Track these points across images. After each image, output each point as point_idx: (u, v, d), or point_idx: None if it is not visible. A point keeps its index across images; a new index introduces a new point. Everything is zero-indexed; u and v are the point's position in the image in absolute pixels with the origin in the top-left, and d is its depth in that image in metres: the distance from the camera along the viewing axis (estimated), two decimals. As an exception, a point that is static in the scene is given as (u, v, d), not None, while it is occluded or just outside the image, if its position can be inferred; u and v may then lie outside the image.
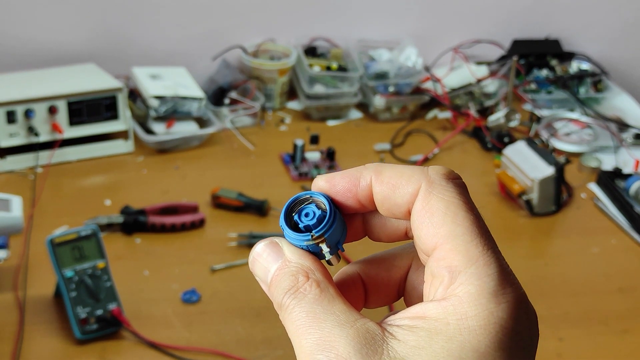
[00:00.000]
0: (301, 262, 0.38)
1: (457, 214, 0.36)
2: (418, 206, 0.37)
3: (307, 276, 0.37)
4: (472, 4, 2.01)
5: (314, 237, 0.38)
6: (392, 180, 0.38)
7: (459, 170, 0.39)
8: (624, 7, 2.08)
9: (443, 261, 0.35)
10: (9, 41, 1.79)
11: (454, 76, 1.87)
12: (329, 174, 0.40)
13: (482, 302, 0.34)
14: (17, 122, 1.53)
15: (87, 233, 1.16)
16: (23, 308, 1.19)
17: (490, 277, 0.34)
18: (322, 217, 0.38)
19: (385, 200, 0.38)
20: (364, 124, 1.83)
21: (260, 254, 0.39)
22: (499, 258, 0.35)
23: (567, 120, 1.82)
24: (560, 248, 1.48)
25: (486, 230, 0.36)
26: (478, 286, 0.34)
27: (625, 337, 1.24)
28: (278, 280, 0.38)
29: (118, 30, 1.85)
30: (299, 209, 0.39)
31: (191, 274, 1.30)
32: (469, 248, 0.35)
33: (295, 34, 1.90)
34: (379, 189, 0.38)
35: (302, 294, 0.36)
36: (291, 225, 0.39)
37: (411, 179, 0.37)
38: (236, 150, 1.68)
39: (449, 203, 0.36)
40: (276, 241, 0.39)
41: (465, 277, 0.34)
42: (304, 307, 0.36)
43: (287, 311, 0.36)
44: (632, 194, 1.51)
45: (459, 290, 0.34)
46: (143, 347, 1.15)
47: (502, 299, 0.34)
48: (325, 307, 0.35)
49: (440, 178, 0.37)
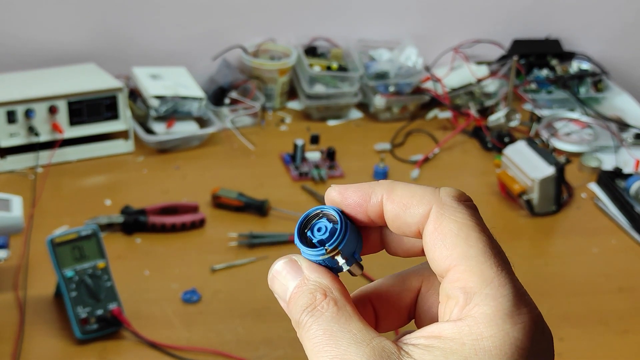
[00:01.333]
0: (319, 280, 0.38)
1: (469, 235, 0.36)
2: (430, 228, 0.37)
3: (325, 294, 0.37)
4: (472, 4, 2.01)
5: (328, 251, 0.38)
6: (404, 199, 0.38)
7: (459, 170, 0.39)
8: (624, 7, 2.07)
9: (457, 282, 0.35)
10: (9, 41, 1.80)
11: (454, 76, 1.87)
12: (342, 186, 0.40)
13: (498, 322, 0.34)
14: (17, 122, 1.53)
15: (88, 233, 1.16)
16: (23, 308, 1.19)
17: (505, 298, 0.35)
18: (334, 230, 0.39)
19: (396, 219, 0.38)
20: (364, 123, 1.83)
21: (279, 272, 0.39)
22: (513, 279, 0.36)
23: (568, 120, 1.82)
24: (561, 248, 1.48)
25: (500, 250, 0.36)
26: (494, 307, 0.34)
27: (625, 337, 1.24)
28: (296, 298, 0.38)
29: (118, 30, 1.85)
30: (311, 225, 0.39)
31: (191, 274, 1.30)
32: (483, 269, 0.35)
33: (296, 34, 1.90)
34: (389, 208, 0.38)
35: (319, 311, 0.37)
36: (306, 242, 0.39)
37: (422, 199, 0.37)
38: (236, 150, 1.68)
39: (461, 224, 0.36)
40: (295, 259, 0.39)
41: (481, 298, 0.35)
42: (321, 324, 0.36)
43: (304, 329, 0.36)
44: (633, 193, 1.51)
45: (475, 311, 0.34)
46: (143, 347, 1.15)
47: (517, 320, 0.34)
48: (342, 325, 0.36)
49: (451, 200, 0.37)
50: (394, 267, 0.45)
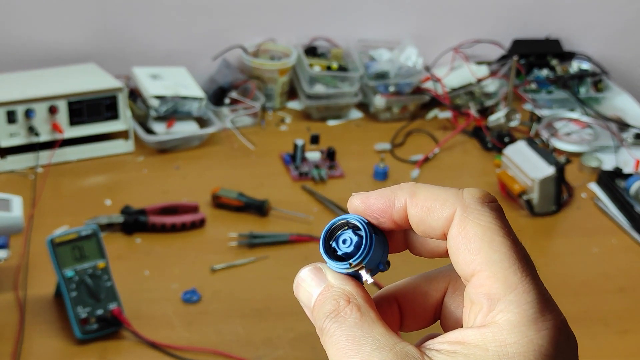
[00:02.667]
0: (343, 287, 0.38)
1: (493, 239, 0.36)
2: (454, 232, 0.37)
3: (348, 300, 0.37)
4: (472, 4, 2.01)
5: (352, 265, 0.38)
6: (427, 203, 0.38)
7: (459, 170, 0.39)
8: (624, 7, 2.07)
9: (481, 288, 0.35)
10: (9, 41, 1.80)
11: (454, 76, 1.87)
12: (364, 194, 0.40)
13: (522, 329, 0.34)
14: (17, 122, 1.53)
15: (88, 233, 1.16)
16: (23, 308, 1.19)
17: (529, 305, 0.34)
18: (359, 244, 0.39)
19: (421, 223, 0.38)
20: (364, 123, 1.83)
21: (304, 279, 0.40)
22: (538, 284, 0.35)
23: (568, 120, 1.82)
24: (561, 248, 1.48)
25: (524, 254, 0.36)
26: (517, 314, 0.34)
27: (625, 337, 1.24)
28: (320, 305, 0.38)
29: (118, 30, 1.85)
30: (336, 236, 0.40)
31: (191, 274, 1.30)
32: (507, 275, 0.35)
33: (296, 34, 1.90)
34: (413, 212, 0.38)
35: (342, 317, 0.37)
36: (330, 253, 0.39)
37: (446, 202, 0.37)
38: (236, 150, 1.68)
39: (485, 228, 0.36)
40: (320, 266, 0.40)
41: (505, 304, 0.34)
42: (345, 330, 0.36)
43: (328, 335, 0.37)
44: (633, 193, 1.51)
45: (499, 317, 0.34)
46: (143, 347, 1.15)
47: (542, 326, 0.34)
48: (365, 331, 0.36)
49: (475, 202, 0.37)
50: (419, 267, 0.46)
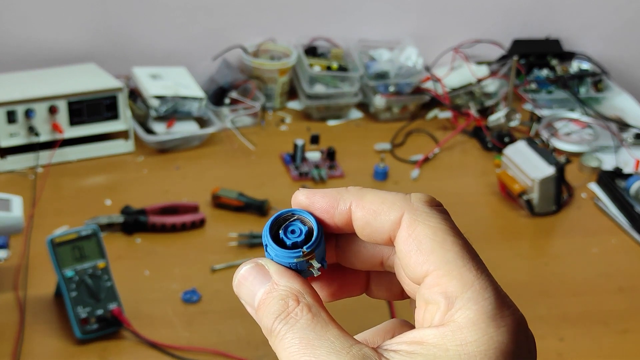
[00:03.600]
0: (290, 285, 0.37)
1: (445, 239, 0.35)
2: (404, 234, 0.36)
3: (298, 300, 0.36)
4: (472, 4, 2.01)
5: (305, 254, 0.37)
6: (374, 206, 0.37)
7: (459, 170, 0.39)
8: (624, 7, 2.07)
9: (437, 287, 0.35)
10: (9, 41, 1.80)
11: (454, 76, 1.87)
12: (310, 190, 0.39)
13: (482, 326, 0.33)
14: (17, 122, 1.53)
15: (88, 233, 1.16)
16: (23, 308, 1.19)
17: (487, 301, 0.34)
18: (309, 234, 0.38)
19: (367, 226, 0.37)
20: (364, 123, 1.83)
21: (245, 277, 0.38)
22: (493, 282, 0.35)
23: (568, 120, 1.82)
24: (561, 248, 1.48)
25: (476, 254, 0.36)
26: (476, 311, 0.34)
27: (625, 337, 1.24)
28: (266, 305, 0.36)
29: (118, 30, 1.85)
30: (284, 226, 0.38)
31: (191, 274, 1.30)
32: (463, 272, 0.34)
33: (296, 34, 1.90)
34: (360, 215, 0.37)
35: (293, 319, 0.35)
36: (278, 244, 0.38)
37: (393, 205, 0.37)
38: (236, 150, 1.68)
39: (435, 229, 0.36)
40: (262, 263, 0.38)
41: (462, 302, 0.34)
42: (296, 333, 0.35)
43: (278, 337, 0.35)
44: (633, 193, 1.51)
45: (457, 315, 0.34)
46: (143, 347, 1.15)
47: (501, 323, 0.34)
48: (319, 333, 0.34)
49: (423, 205, 0.37)
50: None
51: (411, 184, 1.60)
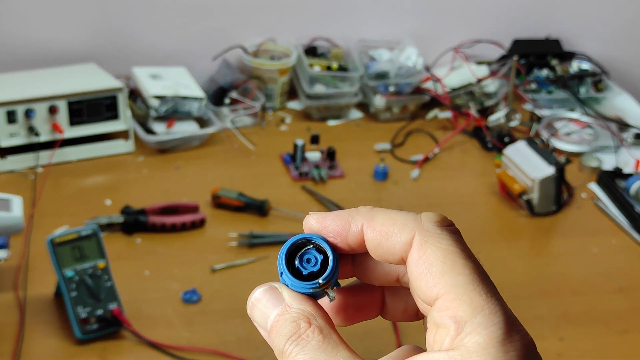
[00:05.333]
0: (302, 308, 0.37)
1: (455, 262, 0.36)
2: (415, 256, 0.36)
3: (309, 322, 0.36)
4: (472, 4, 2.01)
5: (321, 285, 0.38)
6: (385, 227, 0.37)
7: (459, 170, 0.39)
8: (624, 7, 2.07)
9: (447, 311, 0.35)
10: (9, 41, 1.79)
11: (454, 76, 1.87)
12: (321, 214, 0.39)
13: (491, 351, 0.33)
14: (17, 122, 1.53)
15: (88, 233, 1.16)
16: (23, 308, 1.19)
17: (497, 326, 0.34)
18: (324, 262, 0.38)
19: (378, 247, 0.38)
20: (364, 123, 1.83)
21: (259, 300, 0.38)
22: (503, 305, 0.35)
23: (568, 120, 1.82)
24: (561, 248, 1.48)
25: (486, 276, 0.36)
26: (486, 335, 0.34)
27: (625, 337, 1.24)
28: (279, 327, 0.37)
29: (118, 30, 1.85)
30: (299, 254, 0.39)
31: (191, 274, 1.30)
32: (473, 297, 0.35)
33: (296, 34, 1.90)
34: (371, 236, 0.38)
35: (304, 340, 0.36)
36: (292, 271, 0.38)
37: (404, 227, 0.37)
38: (236, 150, 1.68)
39: (446, 252, 0.36)
40: (275, 286, 0.39)
41: (472, 327, 0.34)
42: (307, 354, 0.35)
43: (289, 358, 0.36)
44: (633, 193, 1.51)
45: (467, 340, 0.34)
46: (143, 347, 1.15)
47: (510, 348, 0.34)
48: (329, 354, 0.35)
49: (434, 226, 0.37)
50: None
51: (411, 184, 1.60)
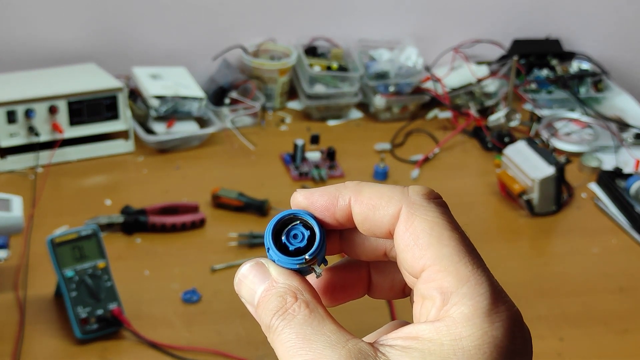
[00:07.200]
0: (288, 283, 0.37)
1: (442, 234, 0.36)
2: (401, 228, 0.36)
3: (296, 297, 0.36)
4: (472, 4, 2.01)
5: (308, 260, 0.38)
6: (372, 200, 0.37)
7: (459, 170, 0.39)
8: (624, 7, 2.08)
9: (433, 283, 0.35)
10: (9, 41, 1.80)
11: (454, 76, 1.87)
12: (308, 190, 0.39)
13: (476, 322, 0.33)
14: (17, 122, 1.53)
15: (88, 233, 1.16)
16: (23, 308, 1.19)
17: (483, 297, 0.34)
18: (311, 238, 0.38)
19: (366, 220, 0.38)
20: (364, 123, 1.83)
21: (246, 276, 0.38)
22: (489, 276, 0.35)
23: (568, 120, 1.82)
24: (561, 248, 1.48)
25: (473, 248, 0.36)
26: (471, 306, 0.34)
27: (625, 337, 1.24)
28: (265, 302, 0.37)
29: (118, 30, 1.85)
30: (286, 230, 0.39)
31: (191, 274, 1.30)
32: (459, 268, 0.35)
33: (296, 34, 1.90)
34: (358, 210, 0.38)
35: (291, 314, 0.36)
36: (279, 248, 0.38)
37: (391, 200, 0.37)
38: (236, 150, 1.68)
39: (432, 224, 0.36)
40: (262, 262, 0.39)
41: (458, 297, 0.34)
42: (294, 328, 0.35)
43: (275, 333, 0.36)
44: (633, 193, 1.51)
45: (453, 311, 0.34)
46: (143, 347, 1.15)
47: (496, 318, 0.34)
48: (315, 328, 0.35)
49: (421, 198, 0.37)
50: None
51: (411, 184, 1.60)
